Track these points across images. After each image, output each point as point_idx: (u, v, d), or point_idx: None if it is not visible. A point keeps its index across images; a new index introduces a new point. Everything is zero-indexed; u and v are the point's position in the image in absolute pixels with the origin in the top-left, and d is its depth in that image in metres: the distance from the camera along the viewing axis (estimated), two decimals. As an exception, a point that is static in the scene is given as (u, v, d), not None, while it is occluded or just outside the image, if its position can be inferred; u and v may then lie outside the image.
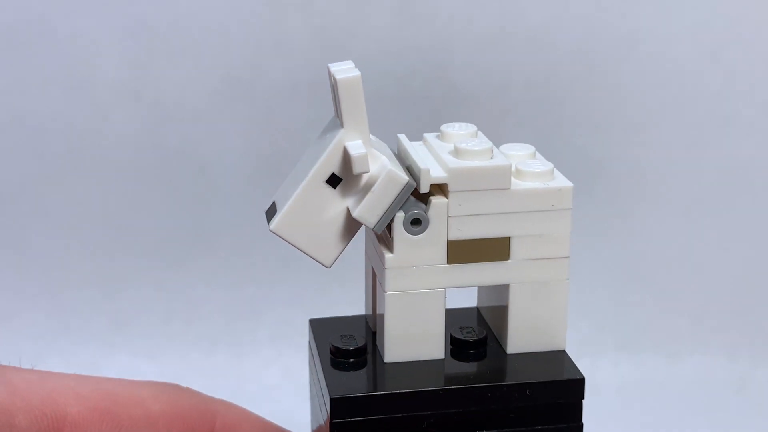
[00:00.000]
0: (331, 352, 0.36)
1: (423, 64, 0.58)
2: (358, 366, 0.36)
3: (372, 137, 0.35)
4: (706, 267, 0.62)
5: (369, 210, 0.33)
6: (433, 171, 0.34)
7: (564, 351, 0.36)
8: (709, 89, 0.59)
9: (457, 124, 0.37)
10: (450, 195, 0.34)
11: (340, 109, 0.33)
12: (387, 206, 0.33)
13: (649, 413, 0.58)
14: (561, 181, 0.35)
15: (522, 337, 0.36)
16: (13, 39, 0.59)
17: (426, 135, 0.38)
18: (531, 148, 0.37)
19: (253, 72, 0.59)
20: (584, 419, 0.37)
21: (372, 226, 0.34)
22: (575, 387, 0.35)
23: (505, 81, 0.59)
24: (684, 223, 0.61)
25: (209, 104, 0.59)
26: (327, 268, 0.35)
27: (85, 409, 0.34)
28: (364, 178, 0.34)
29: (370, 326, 0.38)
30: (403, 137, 0.37)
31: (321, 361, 0.36)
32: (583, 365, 0.61)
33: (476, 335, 0.36)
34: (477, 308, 0.40)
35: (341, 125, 0.33)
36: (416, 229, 0.34)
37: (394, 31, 0.58)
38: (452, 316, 0.38)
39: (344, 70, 0.33)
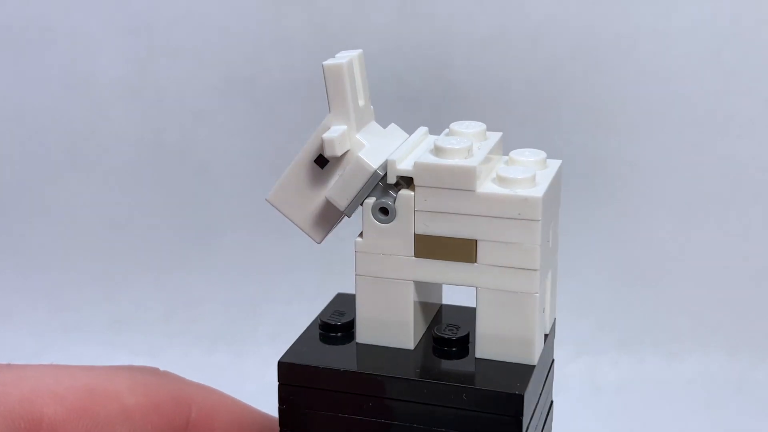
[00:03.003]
0: (319, 325, 0.37)
1: (423, 62, 0.58)
2: (334, 341, 0.37)
3: (393, 126, 0.37)
4: (706, 266, 0.62)
5: (338, 192, 0.35)
6: (401, 163, 0.35)
7: (533, 366, 0.35)
8: (709, 89, 0.59)
9: (466, 123, 0.37)
10: (416, 189, 0.34)
11: (327, 94, 0.35)
12: (356, 191, 0.35)
13: (649, 412, 0.58)
14: (532, 191, 0.34)
15: (490, 343, 0.35)
16: (13, 39, 0.59)
17: (450, 127, 0.38)
18: (542, 154, 0.37)
19: (253, 70, 0.59)
20: (584, 418, 0.37)
21: (342, 209, 0.35)
22: (512, 402, 0.33)
23: (505, 80, 0.59)
24: (684, 222, 0.61)
25: (209, 103, 0.60)
26: (318, 243, 0.37)
27: (61, 408, 0.35)
28: (345, 162, 0.35)
29: None
30: (422, 129, 0.38)
31: (308, 330, 0.38)
32: (583, 365, 0.62)
33: (456, 334, 0.36)
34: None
35: (329, 110, 0.35)
36: (384, 217, 0.35)
37: (394, 30, 0.58)
38: (450, 312, 0.38)
39: (336, 58, 0.35)
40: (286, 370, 0.36)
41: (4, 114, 0.60)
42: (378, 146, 0.36)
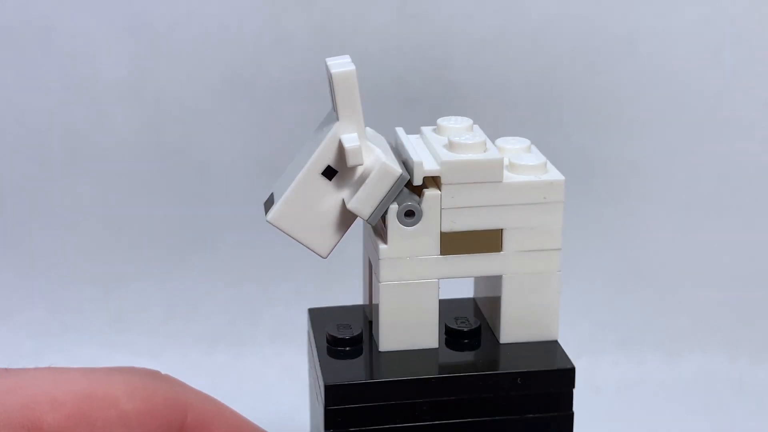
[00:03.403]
0: (328, 341, 0.36)
1: (423, 62, 0.58)
2: (354, 354, 0.36)
3: (369, 130, 0.36)
4: (706, 266, 0.62)
5: (363, 202, 0.34)
6: (426, 164, 0.34)
7: (556, 341, 0.37)
8: (709, 89, 0.59)
9: (453, 118, 0.38)
10: (443, 187, 0.34)
11: (336, 102, 0.34)
12: (380, 198, 0.34)
13: (649, 413, 0.58)
14: (553, 174, 0.36)
15: (515, 327, 0.36)
16: (13, 39, 0.59)
17: (423, 128, 0.38)
18: (526, 142, 0.37)
19: (253, 70, 0.59)
20: (584, 419, 0.37)
21: (366, 218, 0.34)
22: (565, 376, 0.36)
23: (504, 80, 0.59)
24: (684, 222, 0.61)
25: (209, 103, 0.59)
26: (323, 258, 0.36)
27: (60, 416, 0.35)
28: (359, 170, 0.34)
29: (367, 316, 0.38)
30: (400, 130, 0.38)
31: (317, 350, 0.36)
32: (583, 365, 0.62)
33: (470, 325, 0.37)
34: (473, 299, 0.40)
35: (337, 118, 0.34)
36: (410, 220, 0.35)
37: (394, 30, 0.58)
38: (448, 306, 0.38)
39: (340, 64, 0.34)
40: (336, 392, 0.34)
41: (4, 114, 0.60)
42: (384, 150, 0.35)
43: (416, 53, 0.58)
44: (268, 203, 0.35)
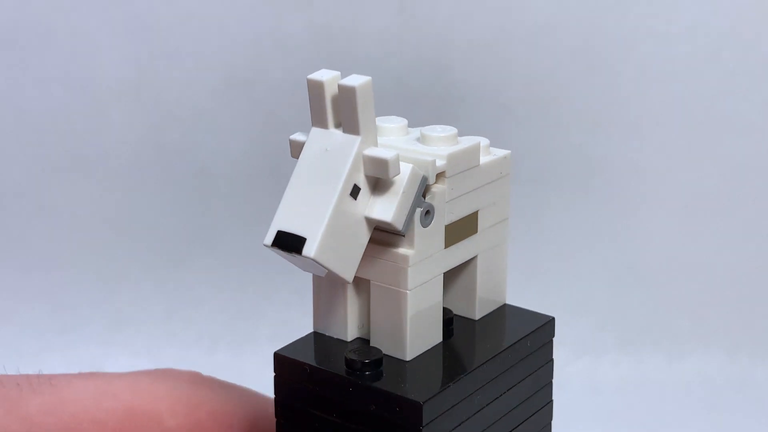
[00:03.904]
0: (352, 367, 0.34)
1: (423, 63, 0.58)
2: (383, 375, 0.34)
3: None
4: (706, 267, 0.62)
5: (400, 211, 0.33)
6: (437, 161, 0.35)
7: (506, 304, 0.38)
8: (709, 89, 0.59)
9: (389, 118, 0.37)
10: (447, 180, 0.34)
11: (354, 117, 0.33)
12: (410, 204, 0.33)
13: (649, 413, 0.58)
14: (500, 150, 0.37)
15: (486, 303, 0.38)
16: (13, 39, 0.59)
17: (378, 125, 0.37)
18: (454, 130, 0.37)
19: (253, 71, 0.59)
20: (584, 419, 0.37)
21: (401, 227, 0.33)
22: (550, 326, 0.37)
23: (504, 80, 0.59)
24: (684, 222, 0.61)
25: (210, 104, 0.59)
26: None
27: None
28: (373, 181, 0.33)
29: (341, 337, 0.37)
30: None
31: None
32: (583, 365, 0.62)
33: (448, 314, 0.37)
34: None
35: (355, 133, 0.33)
36: (427, 220, 0.34)
37: (394, 31, 0.58)
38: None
39: (353, 79, 0.33)
40: (430, 408, 0.33)
41: (5, 114, 0.60)
42: None
43: (416, 54, 0.58)
44: (289, 240, 0.33)
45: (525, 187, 0.60)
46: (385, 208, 0.33)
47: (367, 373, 0.34)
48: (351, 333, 0.36)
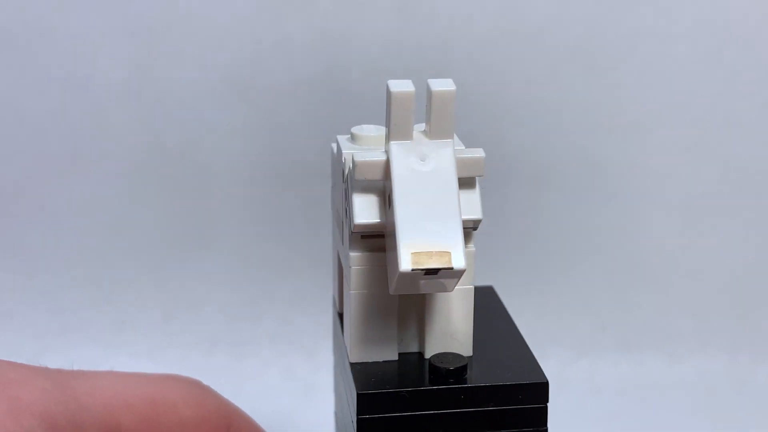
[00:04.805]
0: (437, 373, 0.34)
1: (423, 63, 0.58)
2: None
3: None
4: (707, 267, 0.61)
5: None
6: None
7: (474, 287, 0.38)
8: (709, 89, 0.59)
9: (366, 127, 0.37)
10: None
11: (447, 122, 0.33)
12: None
13: (649, 413, 0.58)
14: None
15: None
16: (13, 39, 0.59)
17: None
18: (383, 129, 0.37)
19: (253, 71, 0.59)
20: (585, 419, 0.37)
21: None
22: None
23: (504, 80, 0.59)
24: (685, 223, 0.61)
25: (209, 104, 0.59)
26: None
27: (134, 418, 0.36)
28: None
29: (388, 358, 0.35)
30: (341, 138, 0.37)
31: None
32: (584, 365, 0.62)
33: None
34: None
35: (447, 137, 0.33)
36: None
37: (394, 31, 0.58)
38: None
39: (441, 83, 0.33)
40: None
41: (4, 115, 0.60)
42: None
43: (416, 54, 0.58)
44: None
45: (525, 187, 0.60)
46: (473, 207, 0.33)
47: (463, 376, 0.33)
48: (396, 352, 0.35)
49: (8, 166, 0.61)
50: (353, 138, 0.36)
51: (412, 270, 0.31)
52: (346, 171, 0.34)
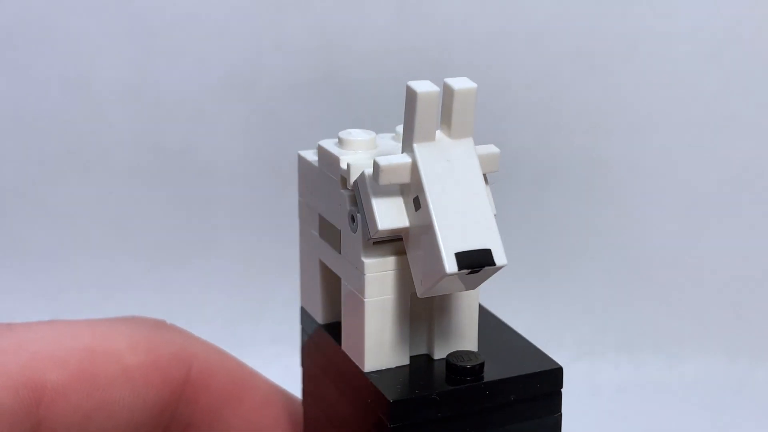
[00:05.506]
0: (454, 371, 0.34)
1: (423, 63, 0.58)
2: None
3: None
4: (706, 267, 0.62)
5: None
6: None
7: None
8: (709, 89, 0.59)
9: (353, 131, 0.37)
10: None
11: (468, 120, 0.32)
12: None
13: (649, 414, 0.58)
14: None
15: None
16: (13, 39, 0.59)
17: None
18: (372, 134, 0.37)
19: (253, 71, 0.59)
20: (585, 419, 0.37)
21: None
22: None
23: (504, 81, 0.59)
24: (685, 223, 0.61)
25: (209, 104, 0.59)
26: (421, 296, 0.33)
27: (64, 373, 0.34)
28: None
29: (400, 364, 0.35)
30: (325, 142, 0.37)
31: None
32: (584, 366, 0.62)
33: None
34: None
35: (468, 135, 0.33)
36: None
37: (393, 31, 0.58)
38: None
39: (461, 81, 0.33)
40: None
41: (4, 115, 0.60)
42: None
43: (416, 54, 0.58)
44: (476, 256, 0.31)
45: (525, 187, 0.60)
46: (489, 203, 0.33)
47: (481, 373, 0.33)
48: (408, 356, 0.35)
49: (8, 166, 0.61)
50: (341, 143, 0.35)
51: (459, 270, 0.31)
52: (352, 177, 0.34)
